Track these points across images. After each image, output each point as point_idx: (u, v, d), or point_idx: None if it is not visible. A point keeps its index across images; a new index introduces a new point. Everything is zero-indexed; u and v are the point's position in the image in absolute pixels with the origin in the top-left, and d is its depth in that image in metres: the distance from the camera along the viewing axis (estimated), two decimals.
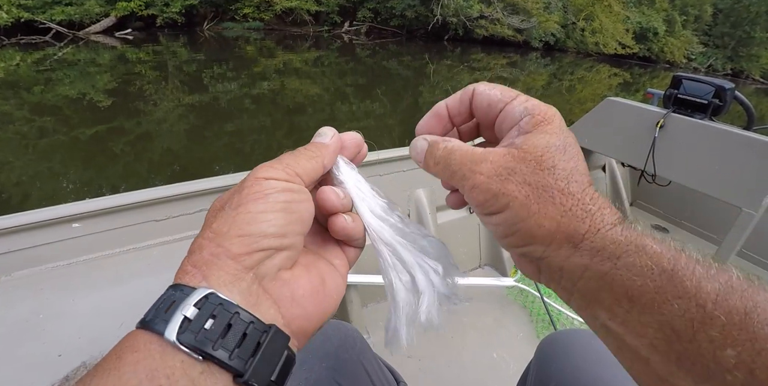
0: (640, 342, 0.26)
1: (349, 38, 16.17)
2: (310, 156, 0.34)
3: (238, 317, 0.26)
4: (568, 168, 0.31)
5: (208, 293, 0.26)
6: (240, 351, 0.25)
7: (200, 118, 6.23)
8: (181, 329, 0.24)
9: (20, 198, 3.61)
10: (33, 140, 4.80)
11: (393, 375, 0.74)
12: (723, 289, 0.24)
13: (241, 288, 0.27)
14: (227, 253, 0.27)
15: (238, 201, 0.29)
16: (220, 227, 0.29)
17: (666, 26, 21.46)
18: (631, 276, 0.26)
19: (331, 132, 0.38)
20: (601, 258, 0.28)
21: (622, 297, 0.27)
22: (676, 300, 0.25)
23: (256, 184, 0.30)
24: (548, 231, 0.30)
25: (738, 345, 0.23)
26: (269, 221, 0.29)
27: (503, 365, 1.40)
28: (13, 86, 6.90)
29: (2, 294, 0.98)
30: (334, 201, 0.35)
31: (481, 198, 0.32)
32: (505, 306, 1.67)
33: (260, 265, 0.28)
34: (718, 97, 1.69)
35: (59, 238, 1.08)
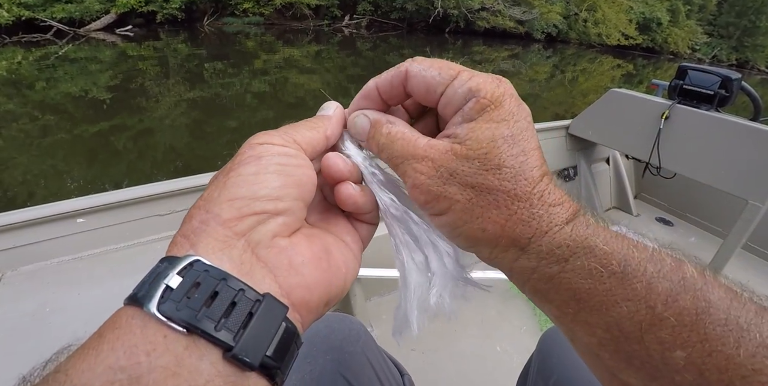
0: (589, 340, 0.26)
1: (350, 32, 16.09)
2: (310, 126, 0.33)
3: (225, 284, 0.23)
4: (516, 165, 0.28)
5: (193, 260, 0.23)
6: (228, 321, 0.22)
7: (202, 113, 6.23)
8: (162, 299, 0.22)
9: (25, 196, 3.63)
10: (36, 138, 4.81)
11: (397, 368, 0.74)
12: (675, 289, 0.24)
13: (231, 255, 0.25)
14: (216, 219, 0.25)
15: (230, 168, 0.28)
16: (210, 193, 0.27)
17: (670, 16, 21.27)
18: (579, 280, 0.26)
19: (334, 105, 0.36)
20: (548, 262, 0.27)
21: (569, 299, 0.26)
22: (625, 302, 0.24)
23: (249, 149, 0.28)
24: (492, 236, 0.28)
25: (688, 347, 0.23)
26: (261, 182, 0.27)
27: (506, 358, 1.41)
28: (15, 84, 6.90)
29: (9, 289, 0.99)
30: (341, 166, 0.33)
31: (422, 200, 0.30)
32: (508, 299, 1.67)
33: (253, 231, 0.26)
34: (724, 87, 1.68)
35: (64, 233, 1.09)
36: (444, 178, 0.28)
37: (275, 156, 0.28)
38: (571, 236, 0.27)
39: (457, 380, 1.32)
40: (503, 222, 0.28)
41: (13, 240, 1.05)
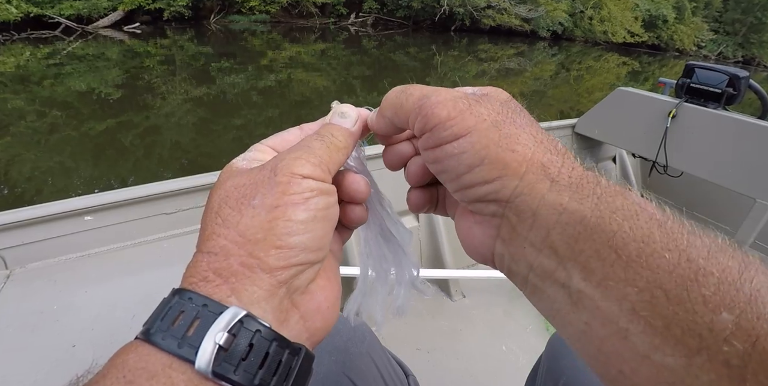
0: (619, 307, 0.21)
1: (356, 30, 16.07)
2: (339, 147, 0.30)
3: (275, 345, 0.23)
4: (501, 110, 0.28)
5: (243, 316, 0.23)
6: (275, 380, 0.23)
7: (208, 111, 6.24)
8: (216, 360, 0.21)
9: (33, 193, 3.65)
10: (44, 135, 4.84)
11: (402, 369, 0.74)
12: (713, 246, 0.21)
13: (273, 305, 0.24)
14: (262, 266, 0.24)
15: (273, 202, 0.25)
16: (251, 231, 0.25)
17: (675, 13, 21.09)
18: (616, 219, 0.22)
19: (354, 113, 0.33)
20: (581, 196, 0.23)
21: (603, 246, 0.22)
22: (666, 251, 0.21)
23: (295, 182, 0.26)
24: (522, 157, 0.25)
25: (735, 308, 0.19)
26: (310, 232, 0.26)
27: (512, 358, 1.40)
28: (23, 81, 6.95)
29: (17, 286, 1.00)
30: (365, 192, 0.32)
31: (444, 115, 0.26)
32: (514, 298, 1.66)
33: (294, 279, 0.26)
34: (732, 85, 1.66)
35: (72, 231, 1.10)
36: (472, 102, 0.27)
37: (320, 198, 0.27)
38: (598, 177, 0.25)
39: (463, 379, 1.32)
40: (532, 145, 0.26)
41: (21, 238, 1.06)
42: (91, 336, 0.90)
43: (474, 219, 0.29)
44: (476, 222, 0.29)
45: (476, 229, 0.29)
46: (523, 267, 0.26)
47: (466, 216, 0.31)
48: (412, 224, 1.67)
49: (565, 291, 0.24)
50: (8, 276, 1.03)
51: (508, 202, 0.26)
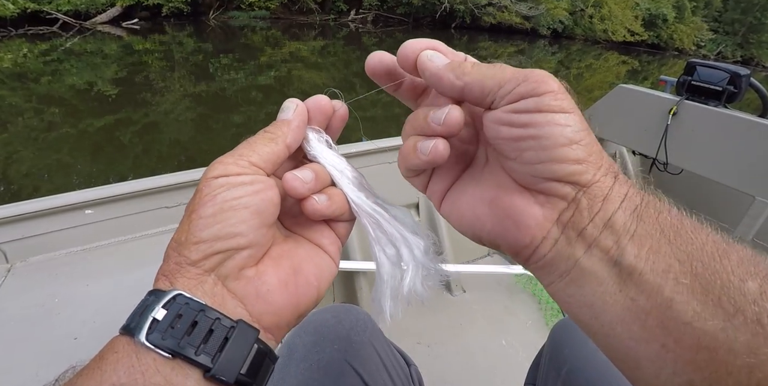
0: (665, 278, 0.24)
1: (356, 26, 16.04)
2: (268, 139, 0.33)
3: (203, 314, 0.27)
4: None
5: (176, 294, 0.27)
6: (206, 346, 0.26)
7: (207, 108, 6.24)
8: (150, 330, 0.26)
9: (30, 190, 3.64)
10: (42, 131, 4.83)
11: (404, 359, 0.74)
12: (724, 238, 0.26)
13: (204, 290, 0.28)
14: (187, 261, 0.28)
15: (192, 208, 0.29)
16: (180, 236, 0.29)
17: (675, 13, 21.10)
18: (658, 208, 0.27)
19: (294, 104, 0.35)
20: (634, 190, 0.28)
21: (652, 226, 0.26)
22: (696, 232, 0.26)
23: (205, 186, 0.30)
24: (599, 152, 0.28)
25: (757, 278, 0.23)
26: (220, 223, 0.29)
27: (512, 352, 1.41)
28: (21, 77, 6.92)
29: (18, 279, 1.00)
30: (298, 188, 0.32)
31: (556, 87, 0.28)
32: (514, 293, 1.67)
33: (220, 267, 0.29)
34: (732, 83, 1.67)
35: (73, 225, 1.10)
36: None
37: (231, 190, 0.29)
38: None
39: (462, 373, 1.33)
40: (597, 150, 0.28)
41: (22, 231, 1.06)
42: (93, 329, 0.90)
43: (536, 200, 0.29)
44: (539, 203, 0.29)
45: (537, 210, 0.29)
46: (578, 249, 0.28)
47: (519, 196, 0.30)
48: None
49: (616, 269, 0.26)
50: (9, 270, 1.03)
51: (586, 187, 0.27)
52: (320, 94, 0.36)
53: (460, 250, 1.78)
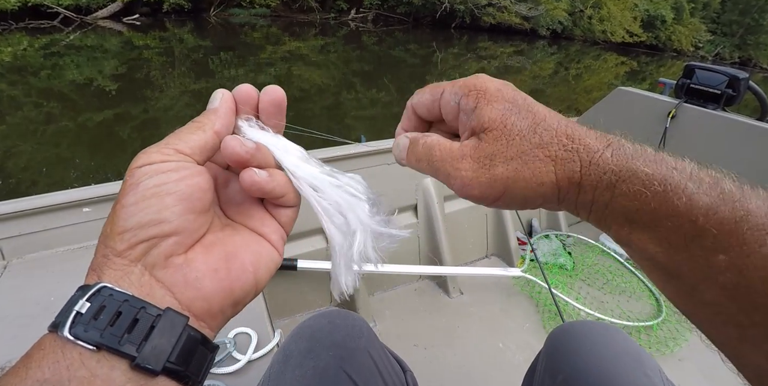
0: (642, 253, 0.29)
1: (356, 25, 16.01)
2: (194, 127, 0.32)
3: (128, 304, 0.26)
4: (532, 122, 0.31)
5: (101, 286, 0.26)
6: (131, 336, 0.26)
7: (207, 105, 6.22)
8: (72, 324, 0.25)
9: (28, 184, 3.63)
10: (41, 125, 4.81)
11: (400, 365, 0.74)
12: (714, 202, 0.26)
13: (131, 281, 0.27)
14: (113, 252, 0.28)
15: (117, 199, 0.29)
16: (105, 227, 0.29)
17: (674, 14, 21.09)
18: (627, 203, 0.28)
19: (220, 94, 0.35)
20: (601, 191, 0.29)
21: (623, 221, 0.29)
22: (669, 218, 0.27)
23: (129, 176, 0.29)
24: (551, 184, 0.30)
25: (729, 251, 0.25)
26: (142, 211, 0.28)
27: (509, 355, 1.41)
28: (20, 71, 6.90)
29: (15, 277, 0.99)
30: (237, 149, 0.31)
31: (477, 193, 0.32)
32: (512, 296, 1.67)
33: (146, 256, 0.28)
34: (731, 86, 1.67)
35: (70, 222, 1.09)
36: (486, 165, 0.31)
37: (152, 177, 0.29)
38: (613, 160, 0.29)
39: (459, 376, 1.33)
40: (552, 169, 0.30)
41: (18, 228, 1.05)
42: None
43: None
44: None
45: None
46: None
47: None
48: (410, 221, 1.67)
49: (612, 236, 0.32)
50: (5, 267, 1.02)
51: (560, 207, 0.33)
52: (246, 84, 0.36)
53: (458, 252, 1.78)
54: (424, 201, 1.66)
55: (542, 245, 1.91)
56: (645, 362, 0.65)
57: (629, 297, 1.71)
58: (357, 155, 1.45)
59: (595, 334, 0.71)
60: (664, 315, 1.57)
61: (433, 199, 1.65)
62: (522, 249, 1.88)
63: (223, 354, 0.84)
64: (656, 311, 1.64)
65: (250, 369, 0.84)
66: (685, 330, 1.54)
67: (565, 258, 1.84)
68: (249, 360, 0.84)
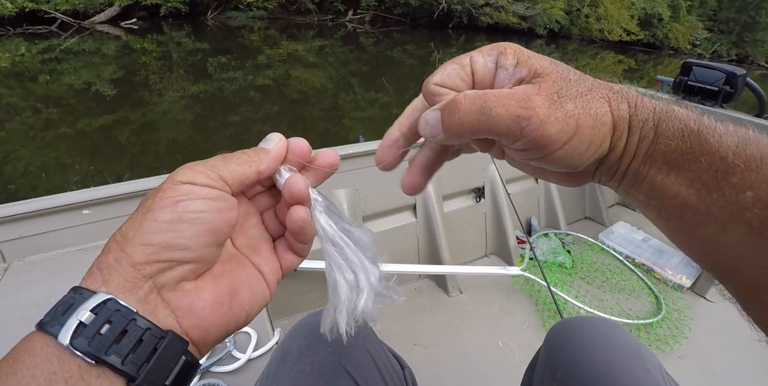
0: (676, 197, 0.30)
1: (353, 27, 16.03)
2: (243, 160, 0.33)
3: (134, 324, 0.26)
4: (575, 74, 0.32)
5: (107, 299, 0.26)
6: (134, 356, 0.26)
7: (205, 108, 6.23)
8: (75, 334, 0.25)
9: (27, 189, 3.63)
10: (39, 130, 4.81)
11: (398, 362, 0.74)
12: (741, 141, 0.28)
13: (138, 296, 0.27)
14: (128, 260, 0.27)
15: (149, 205, 0.28)
16: (128, 231, 0.28)
17: (671, 12, 21.09)
18: (668, 142, 0.29)
19: (278, 137, 0.36)
20: (646, 131, 0.30)
21: (662, 163, 0.30)
22: (703, 156, 0.28)
23: (170, 187, 0.29)
24: (609, 125, 0.30)
25: (755, 187, 0.27)
26: (174, 232, 0.28)
27: (508, 353, 1.41)
28: (18, 77, 6.91)
29: (15, 279, 1.00)
30: (302, 187, 0.33)
31: (555, 131, 0.29)
32: (511, 294, 1.67)
33: (159, 275, 0.28)
34: (729, 83, 1.67)
35: (70, 225, 1.10)
36: (556, 101, 0.29)
37: (194, 201, 0.29)
38: (653, 102, 0.31)
39: (459, 375, 1.33)
40: (608, 109, 0.30)
41: (19, 231, 1.06)
42: None
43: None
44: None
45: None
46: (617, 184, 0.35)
47: None
48: (409, 220, 1.67)
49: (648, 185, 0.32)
50: (6, 270, 1.02)
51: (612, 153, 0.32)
52: (301, 138, 0.37)
53: (457, 251, 1.79)
54: (422, 200, 1.66)
55: (541, 243, 1.91)
56: (645, 357, 0.65)
57: (628, 295, 1.71)
58: (355, 155, 1.45)
59: (595, 330, 0.71)
60: (664, 313, 1.58)
61: (431, 198, 1.65)
62: (521, 247, 1.88)
63: (222, 353, 0.85)
64: (656, 309, 1.64)
65: (250, 367, 0.84)
66: (684, 327, 1.54)
67: (564, 256, 1.85)
68: (248, 359, 0.84)
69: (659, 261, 1.83)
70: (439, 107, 0.32)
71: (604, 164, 0.33)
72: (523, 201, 2.00)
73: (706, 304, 1.69)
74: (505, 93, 0.30)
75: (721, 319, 1.62)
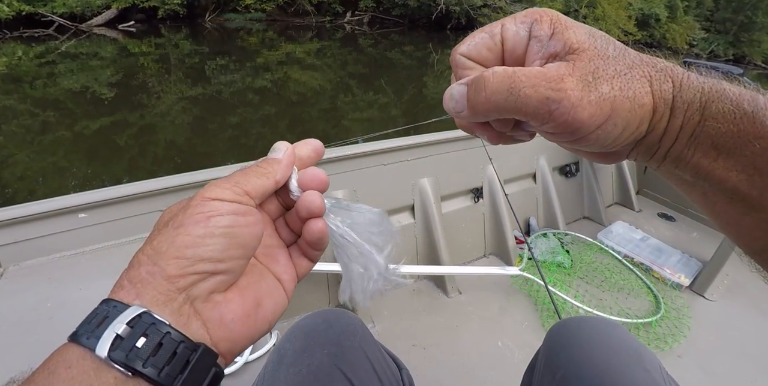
0: (725, 184, 0.28)
1: (352, 28, 16.05)
2: (261, 173, 0.34)
3: (169, 337, 0.27)
4: (615, 48, 0.30)
5: (142, 312, 0.26)
6: (169, 368, 0.26)
7: (203, 110, 6.22)
8: (113, 346, 0.25)
9: (25, 193, 3.63)
10: (37, 135, 4.81)
11: (396, 363, 0.74)
12: None
13: (172, 308, 0.28)
14: (162, 273, 0.28)
15: (180, 221, 0.29)
16: (160, 245, 0.29)
17: (668, 12, 21.16)
18: (717, 125, 0.27)
19: (284, 146, 0.37)
20: (691, 113, 0.28)
21: (710, 148, 0.28)
22: (756, 140, 0.26)
23: (201, 204, 0.30)
24: (649, 106, 0.29)
25: None
26: (207, 246, 0.29)
27: (508, 353, 1.41)
28: (16, 80, 6.90)
29: (11, 283, 0.99)
30: (319, 204, 0.35)
31: (587, 115, 0.28)
32: (510, 295, 1.67)
33: (193, 287, 0.29)
34: None
35: (66, 228, 1.09)
36: (590, 83, 0.28)
37: (224, 217, 0.30)
38: (701, 80, 0.28)
39: (459, 375, 1.33)
40: (649, 90, 0.28)
41: (14, 235, 1.05)
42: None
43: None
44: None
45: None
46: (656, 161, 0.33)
47: None
48: (407, 221, 1.67)
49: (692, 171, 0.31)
50: (2, 274, 1.02)
51: (651, 134, 0.30)
52: (313, 139, 0.39)
53: (456, 252, 1.78)
54: (420, 201, 1.66)
55: (540, 244, 1.91)
56: (645, 357, 0.65)
57: (627, 295, 1.71)
58: (353, 156, 1.45)
59: (594, 330, 0.71)
60: (663, 312, 1.57)
61: (429, 199, 1.65)
62: (520, 248, 1.88)
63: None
64: (654, 308, 1.63)
65: (247, 370, 0.84)
66: (683, 326, 1.54)
67: (563, 256, 1.84)
68: (246, 362, 0.84)
69: (658, 261, 1.83)
70: (465, 82, 0.31)
71: (642, 145, 0.31)
72: (521, 201, 2.00)
73: (705, 303, 1.69)
74: (536, 72, 0.28)
75: (719, 318, 1.61)
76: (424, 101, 7.76)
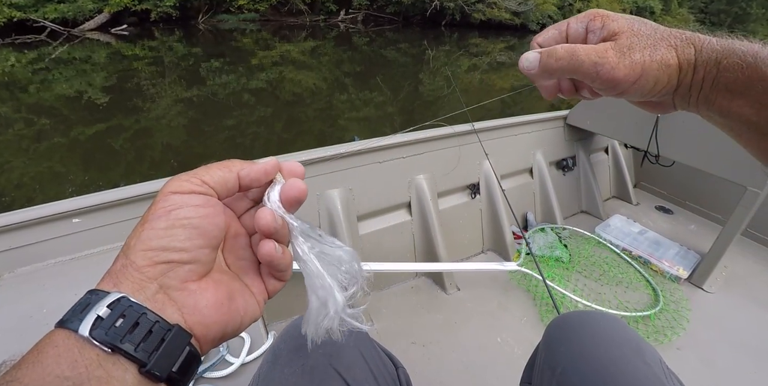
0: (740, 117, 0.39)
1: (346, 27, 16.02)
2: (223, 165, 0.37)
3: (145, 317, 0.29)
4: (650, 27, 0.40)
5: (120, 296, 0.29)
6: (145, 345, 0.29)
7: (199, 112, 6.21)
8: (93, 326, 0.28)
9: (23, 201, 3.61)
10: (32, 141, 4.79)
11: (392, 362, 0.74)
12: None
13: (146, 295, 0.31)
14: (133, 265, 0.31)
15: (146, 217, 0.33)
16: (131, 241, 0.32)
17: (662, 5, 21.18)
18: (728, 74, 0.37)
19: (270, 158, 0.39)
20: (710, 68, 0.38)
21: (725, 92, 0.38)
22: (760, 81, 0.36)
23: (162, 199, 0.33)
24: (675, 66, 0.39)
25: None
26: (170, 236, 0.32)
27: (507, 349, 1.41)
28: (9, 87, 6.88)
29: (6, 291, 0.99)
30: (269, 220, 0.35)
31: (622, 75, 0.39)
32: (509, 290, 1.67)
33: (164, 277, 0.32)
34: None
35: (60, 234, 1.09)
36: (626, 53, 0.39)
37: (182, 209, 0.33)
38: (716, 42, 0.39)
39: (458, 372, 1.33)
40: (674, 54, 0.39)
41: (9, 242, 1.05)
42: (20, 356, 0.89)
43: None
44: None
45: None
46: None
47: None
48: (404, 218, 1.67)
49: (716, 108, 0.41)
50: None
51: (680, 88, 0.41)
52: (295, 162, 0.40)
53: (453, 249, 1.78)
54: (417, 198, 1.66)
55: (538, 238, 1.91)
56: (644, 351, 0.65)
57: (626, 288, 1.71)
58: (350, 154, 1.44)
59: (593, 324, 0.71)
60: (662, 305, 1.57)
61: (426, 196, 1.64)
62: (518, 243, 1.88)
63: (216, 358, 0.84)
64: (653, 300, 1.64)
65: (243, 372, 0.84)
66: (682, 318, 1.54)
67: (561, 250, 1.84)
68: (242, 364, 0.83)
69: (656, 253, 1.83)
70: (538, 51, 0.43)
71: (678, 95, 0.42)
72: (518, 196, 2.00)
73: (704, 295, 1.69)
74: (589, 46, 0.40)
75: (718, 309, 1.62)
76: (421, 98, 7.75)
